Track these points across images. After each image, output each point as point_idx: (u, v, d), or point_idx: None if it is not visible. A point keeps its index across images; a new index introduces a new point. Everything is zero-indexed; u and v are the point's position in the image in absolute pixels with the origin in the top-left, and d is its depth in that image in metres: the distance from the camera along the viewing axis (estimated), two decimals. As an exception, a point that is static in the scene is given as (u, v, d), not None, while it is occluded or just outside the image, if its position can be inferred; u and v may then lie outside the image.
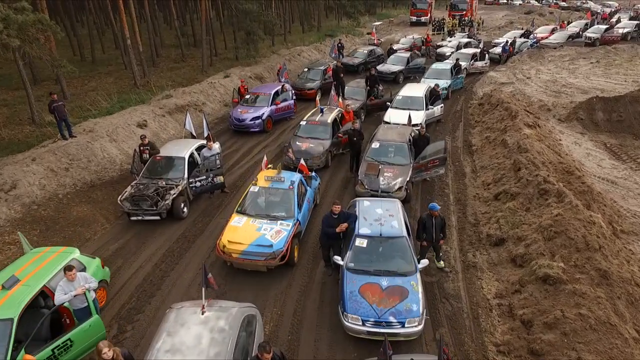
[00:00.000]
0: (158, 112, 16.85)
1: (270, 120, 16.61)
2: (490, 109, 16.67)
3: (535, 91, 19.06)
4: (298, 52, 28.50)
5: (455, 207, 11.12)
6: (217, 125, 17.50)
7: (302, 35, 36.97)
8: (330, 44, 32.00)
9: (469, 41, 27.62)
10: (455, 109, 18.53)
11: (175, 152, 11.34)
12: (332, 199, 11.60)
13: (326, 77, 20.64)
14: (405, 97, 16.46)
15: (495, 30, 40.59)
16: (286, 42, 32.98)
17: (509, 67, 24.02)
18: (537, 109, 17.38)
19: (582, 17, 50.66)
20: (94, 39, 32.75)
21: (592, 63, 23.71)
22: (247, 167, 13.66)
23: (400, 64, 23.19)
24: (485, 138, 14.28)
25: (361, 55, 25.28)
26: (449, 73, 20.38)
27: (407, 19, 50.35)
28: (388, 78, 22.69)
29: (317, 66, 21.26)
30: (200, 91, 19.49)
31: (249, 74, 22.91)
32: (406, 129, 12.83)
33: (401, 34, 40.71)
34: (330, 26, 43.89)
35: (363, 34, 40.09)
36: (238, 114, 16.14)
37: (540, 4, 62.50)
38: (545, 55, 25.76)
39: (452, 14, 44.62)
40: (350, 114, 14.32)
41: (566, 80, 20.03)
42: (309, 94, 19.93)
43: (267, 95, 16.82)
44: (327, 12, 49.01)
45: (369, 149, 12.02)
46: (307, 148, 12.97)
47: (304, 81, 20.53)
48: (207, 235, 10.09)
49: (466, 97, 20.18)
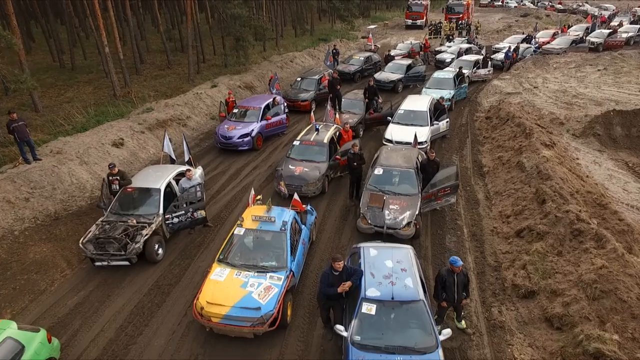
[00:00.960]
0: (137, 128, 15.31)
1: (261, 137, 15.15)
2: (499, 123, 15.37)
3: (545, 102, 17.81)
4: (290, 58, 27.07)
5: (470, 243, 9.76)
6: (202, 142, 16.00)
7: (295, 40, 35.55)
8: (324, 49, 30.70)
9: (469, 47, 26.38)
10: (460, 122, 17.22)
11: (149, 182, 9.84)
12: (329, 234, 10.23)
13: (321, 87, 19.23)
14: (407, 112, 15.10)
15: (493, 34, 39.48)
16: (278, 47, 31.54)
17: (513, 74, 22.80)
18: (548, 123, 16.12)
19: (580, 21, 49.94)
20: (75, 44, 31.13)
21: (600, 70, 22.56)
22: (234, 193, 12.19)
23: (399, 72, 21.86)
24: (498, 158, 12.95)
25: (357, 62, 23.91)
26: (451, 82, 19.08)
27: (402, 21, 49.18)
28: (386, 87, 21.34)
29: (310, 75, 19.84)
30: (184, 103, 17.97)
31: (238, 83, 21.43)
32: (412, 152, 11.44)
33: (397, 37, 39.50)
34: (324, 30, 42.51)
35: (358, 38, 38.79)
36: (225, 130, 14.66)
37: (536, 6, 61.69)
38: (549, 61, 24.58)
39: (449, 17, 43.47)
40: (349, 133, 12.91)
41: (576, 90, 18.81)
42: (302, 106, 18.50)
43: (257, 109, 15.36)
44: (321, 15, 47.64)
45: (371, 176, 10.61)
46: (301, 173, 11.54)
47: (296, 91, 19.10)
48: (185, 284, 8.61)
49: (471, 108, 18.88)
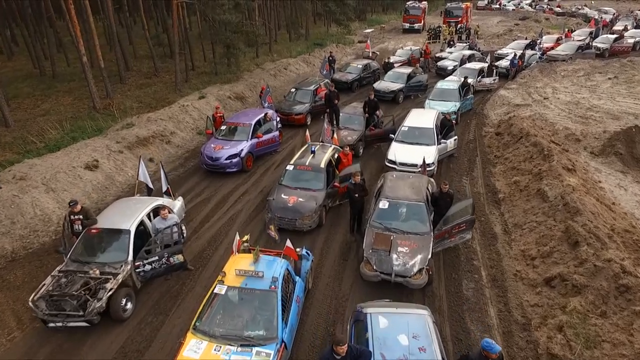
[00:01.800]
0: (114, 148, 13.88)
1: (251, 157, 13.76)
2: (512, 141, 14.09)
3: (557, 116, 16.58)
4: (284, 65, 25.71)
5: (491, 291, 8.44)
6: (187, 161, 14.58)
7: (289, 45, 34.19)
8: (320, 55, 29.39)
9: (472, 53, 25.16)
10: (467, 138, 15.93)
11: (118, 221, 8.42)
12: (328, 279, 8.86)
13: (317, 98, 17.88)
14: (412, 129, 13.78)
15: (493, 39, 38.34)
16: (271, 52, 30.17)
17: (520, 83, 21.58)
18: (563, 139, 14.87)
19: (580, 24, 48.98)
20: (56, 49, 29.61)
21: (611, 79, 21.40)
22: (219, 225, 10.80)
23: (400, 81, 20.56)
24: (514, 183, 11.65)
25: (355, 70, 22.59)
26: (456, 94, 17.80)
27: (399, 25, 48.06)
28: (386, 98, 20.03)
29: (305, 86, 18.48)
30: (168, 117, 16.55)
31: (228, 94, 20.03)
32: (421, 180, 10.10)
33: (394, 42, 38.29)
34: (319, 34, 41.19)
35: (354, 43, 37.51)
36: (211, 150, 13.26)
37: (534, 9, 60.79)
38: (557, 69, 23.41)
39: (447, 20, 42.38)
40: (348, 157, 11.54)
41: (590, 102, 17.61)
42: (296, 120, 17.15)
43: (247, 126, 13.98)
44: (316, 19, 46.31)
45: (376, 210, 9.26)
46: (295, 204, 10.18)
47: (290, 104, 17.74)
48: (156, 348, 7.21)
49: (478, 121, 17.61)
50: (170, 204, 9.61)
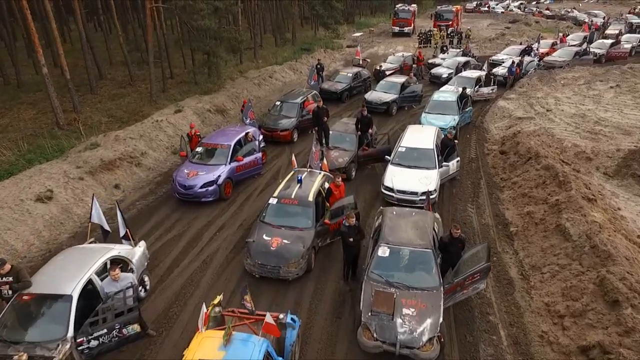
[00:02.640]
0: (74, 174, 12.19)
1: (230, 183, 12.20)
2: (519, 162, 12.78)
3: (564, 130, 15.36)
4: (269, 73, 24.15)
5: (512, 357, 7.04)
6: (159, 187, 12.93)
7: (276, 50, 32.64)
8: (307, 62, 27.93)
9: (467, 60, 23.94)
10: (469, 156, 14.60)
11: (57, 284, 6.78)
12: (318, 344, 7.34)
13: (304, 112, 16.39)
14: (410, 150, 12.37)
15: (485, 43, 37.29)
16: (256, 58, 28.59)
17: (519, 93, 20.39)
18: (573, 158, 13.63)
19: (571, 27, 48.36)
20: (27, 54, 27.63)
21: (613, 88, 20.35)
22: (191, 270, 9.23)
23: (393, 92, 19.18)
24: (527, 214, 10.32)
25: (345, 79, 21.14)
26: (455, 106, 16.47)
27: (388, 28, 46.81)
28: (379, 109, 18.64)
29: (291, 98, 16.95)
30: (139, 135, 14.88)
31: (208, 106, 18.40)
32: (426, 218, 8.66)
33: (384, 46, 37.01)
34: (307, 38, 39.68)
35: (343, 47, 36.10)
36: (184, 177, 11.65)
37: (523, 12, 60.20)
38: (556, 77, 22.30)
39: (438, 24, 41.29)
40: (340, 188, 10.04)
41: (597, 115, 16.45)
42: (282, 137, 15.63)
43: (226, 147, 12.40)
44: (303, 22, 44.84)
45: (374, 258, 7.79)
46: (279, 247, 8.66)
47: (275, 118, 16.19)
48: None
49: (478, 136, 16.30)
50: (128, 253, 8.01)
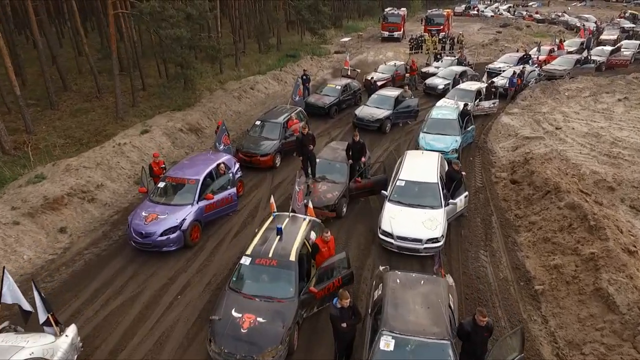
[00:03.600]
0: (7, 217, 10.12)
1: (198, 226, 10.24)
2: (535, 195, 11.08)
3: (579, 153, 13.74)
4: (251, 84, 22.19)
5: None
6: (115, 229, 10.87)
7: (259, 56, 30.71)
8: (292, 71, 26.03)
9: (464, 70, 22.32)
10: (475, 185, 12.86)
11: None
12: None
13: (287, 133, 14.50)
14: (410, 184, 10.57)
15: (478, 49, 35.81)
16: (238, 67, 26.63)
17: (522, 107, 18.80)
18: (593, 187, 12.00)
19: (563, 32, 47.32)
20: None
21: (621, 100, 18.91)
22: (141, 354, 7.25)
23: (387, 107, 17.39)
24: (554, 268, 8.59)
25: (333, 91, 19.28)
26: (456, 125, 14.75)
27: (377, 32, 45.22)
28: (371, 127, 16.86)
29: (273, 117, 15.02)
30: (97, 163, 12.82)
31: (180, 125, 16.38)
32: (438, 289, 6.82)
33: (374, 52, 35.30)
34: (293, 43, 37.82)
35: (330, 53, 34.32)
36: (140, 222, 9.65)
37: (513, 16, 59.21)
38: (559, 88, 20.81)
39: (428, 29, 39.77)
40: (329, 244, 8.13)
41: (612, 134, 14.90)
42: (262, 162, 13.71)
43: (194, 183, 10.44)
44: (289, 27, 42.95)
45: (376, 351, 5.94)
46: (252, 329, 6.74)
47: (255, 140, 14.25)
48: None
49: (483, 159, 14.60)
50: (48, 349, 6.01)
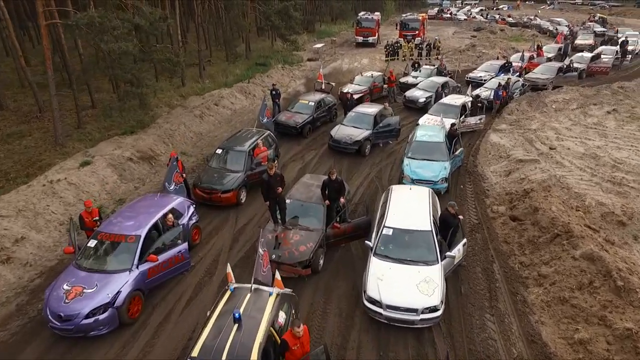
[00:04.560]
0: None
1: (139, 297, 8.16)
2: (543, 238, 9.53)
3: (580, 180, 12.37)
4: (215, 99, 20.08)
5: None
6: (33, 301, 8.62)
7: (226, 66, 28.55)
8: (263, 82, 24.06)
9: (445, 81, 20.89)
10: (470, 221, 11.26)
11: None
12: None
13: (253, 163, 12.55)
14: (400, 232, 8.82)
15: (455, 54, 34.78)
16: (202, 79, 24.43)
17: (510, 122, 17.45)
18: (600, 221, 10.61)
19: (536, 35, 47.08)
20: None
21: (610, 113, 17.88)
22: None
23: (365, 126, 15.66)
24: (580, 344, 6.99)
25: (305, 108, 17.42)
26: (444, 149, 13.17)
27: (351, 36, 43.80)
28: (349, 150, 15.12)
29: (237, 144, 13.01)
30: (18, 210, 10.53)
31: (129, 153, 14.16)
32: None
33: (348, 59, 33.72)
34: (263, 50, 35.79)
35: (303, 61, 32.53)
36: (60, 298, 7.52)
37: (486, 19, 58.96)
38: (545, 100, 19.66)
39: (403, 34, 38.51)
40: (302, 340, 6.18)
41: (610, 155, 13.64)
42: (224, 199, 11.71)
43: (133, 241, 8.36)
44: (259, 32, 40.84)
45: None
46: None
47: (215, 173, 12.21)
48: None
49: (475, 187, 13.05)
50: None
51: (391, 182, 13.52)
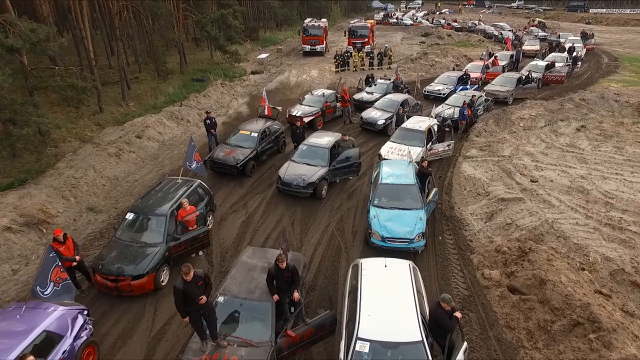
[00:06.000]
0: None
1: None
2: (558, 325, 7.37)
3: (576, 224, 10.48)
4: (138, 130, 16.64)
5: None
6: None
7: (157, 84, 24.95)
8: (199, 105, 20.79)
9: (405, 99, 18.81)
10: (458, 291, 8.94)
11: None
12: None
13: (177, 231, 9.51)
14: (379, 348, 6.27)
15: (407, 63, 33.19)
16: (126, 101, 20.82)
17: (480, 147, 15.57)
18: (610, 281, 8.71)
19: (482, 41, 47.01)
20: None
21: (579, 130, 16.56)
22: None
23: (320, 162, 13.05)
24: None
25: (247, 141, 14.48)
26: (417, 193, 10.86)
27: (298, 44, 41.35)
28: (301, 194, 12.44)
29: (156, 203, 9.86)
30: None
31: (7, 220, 10.54)
32: None
33: (296, 71, 31.12)
34: (201, 62, 32.34)
35: (247, 74, 29.53)
36: None
37: (433, 24, 58.76)
38: (511, 117, 18.10)
39: (353, 42, 36.51)
40: None
41: (598, 188, 11.96)
42: (135, 288, 8.59)
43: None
44: (197, 42, 37.20)
45: None
46: None
47: (125, 245, 9.07)
48: None
49: (456, 237, 10.81)
50: None
51: (357, 235, 11.05)
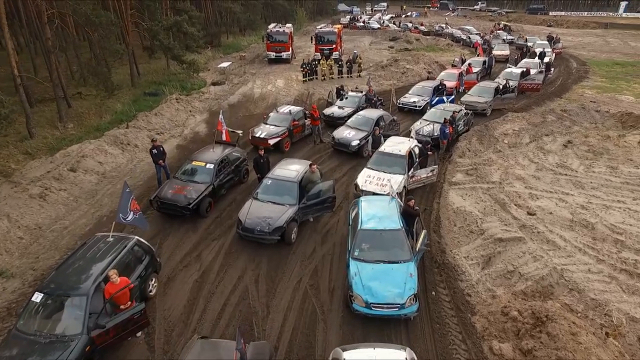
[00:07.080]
0: None
1: None
2: None
3: (588, 272, 9.00)
4: (73, 160, 14.11)
5: None
6: None
7: (102, 100, 22.25)
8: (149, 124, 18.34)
9: (380, 115, 17.12)
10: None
11: None
12: None
13: (107, 314, 7.31)
14: None
15: (378, 70, 31.71)
16: (64, 122, 18.15)
17: (465, 169, 14.05)
18: (638, 346, 7.22)
19: (450, 45, 46.35)
20: None
21: (567, 147, 15.42)
22: None
23: (288, 199, 11.08)
24: None
25: (202, 174, 12.28)
26: (404, 242, 9.08)
27: (262, 49, 39.23)
28: (266, 241, 10.43)
29: (74, 277, 7.61)
30: None
31: None
32: None
33: (261, 81, 28.98)
34: (156, 72, 29.66)
35: (207, 85, 27.14)
36: None
37: (400, 28, 57.92)
38: (494, 133, 16.77)
39: (320, 48, 34.75)
40: None
41: (603, 220, 10.62)
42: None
43: None
44: (150, 52, 34.31)
45: None
46: None
47: (31, 341, 6.78)
48: None
49: (451, 292, 9.10)
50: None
51: (335, 293, 9.18)
